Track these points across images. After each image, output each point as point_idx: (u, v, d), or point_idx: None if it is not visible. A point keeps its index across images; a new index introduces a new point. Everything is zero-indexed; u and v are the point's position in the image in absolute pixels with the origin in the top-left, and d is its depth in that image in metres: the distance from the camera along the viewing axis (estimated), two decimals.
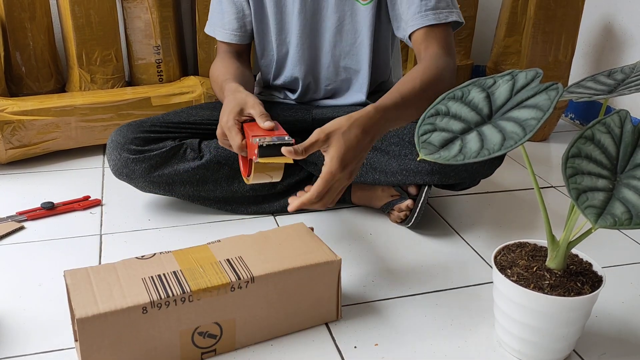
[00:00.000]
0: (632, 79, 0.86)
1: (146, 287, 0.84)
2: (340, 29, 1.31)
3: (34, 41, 1.79)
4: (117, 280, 0.86)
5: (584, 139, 0.71)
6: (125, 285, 0.85)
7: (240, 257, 0.93)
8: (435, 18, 1.20)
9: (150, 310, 0.82)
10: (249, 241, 0.99)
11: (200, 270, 0.89)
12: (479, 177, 1.26)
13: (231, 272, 0.89)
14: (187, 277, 0.87)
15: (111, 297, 0.82)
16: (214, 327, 0.88)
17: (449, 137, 0.78)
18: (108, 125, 1.70)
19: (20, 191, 1.47)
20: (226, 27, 1.35)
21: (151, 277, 0.87)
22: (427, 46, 1.20)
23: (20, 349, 0.92)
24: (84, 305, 0.80)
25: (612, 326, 1.01)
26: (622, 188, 0.68)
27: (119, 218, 1.34)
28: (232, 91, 1.16)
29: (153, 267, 0.90)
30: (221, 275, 0.88)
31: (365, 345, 0.94)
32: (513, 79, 0.79)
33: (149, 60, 1.91)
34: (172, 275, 0.88)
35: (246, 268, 0.90)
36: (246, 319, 0.91)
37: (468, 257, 1.22)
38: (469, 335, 0.98)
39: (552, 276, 0.86)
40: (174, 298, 0.83)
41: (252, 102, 1.10)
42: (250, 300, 0.90)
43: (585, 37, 2.04)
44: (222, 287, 0.86)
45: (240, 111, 1.09)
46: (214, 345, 0.90)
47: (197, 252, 0.94)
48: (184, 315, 0.85)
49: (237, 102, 1.11)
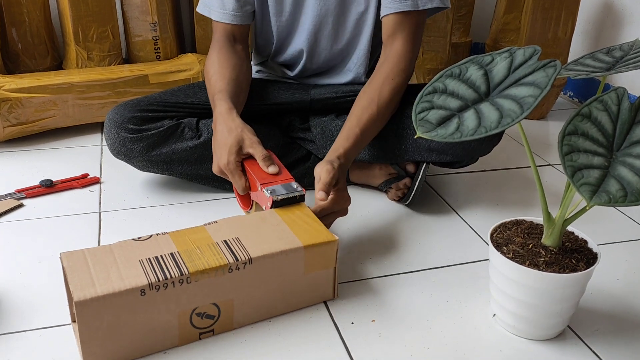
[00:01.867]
0: (631, 57, 0.85)
1: (144, 269, 0.84)
2: (343, 10, 1.28)
3: (29, 17, 1.78)
4: (114, 262, 0.85)
5: (581, 117, 0.71)
6: (123, 267, 0.84)
7: (237, 238, 0.93)
8: (413, 4, 1.18)
9: (148, 292, 0.82)
10: (246, 222, 0.98)
11: (198, 251, 0.89)
12: (476, 154, 1.26)
13: (229, 254, 0.89)
14: (185, 259, 0.87)
15: (109, 279, 0.81)
16: (212, 308, 0.89)
17: (447, 115, 0.78)
18: (105, 102, 1.69)
19: (19, 169, 1.47)
20: (226, 7, 1.28)
21: (148, 259, 0.86)
22: (393, 37, 1.21)
23: (21, 324, 0.93)
24: (81, 287, 0.80)
25: (606, 303, 1.03)
26: (618, 165, 0.69)
27: (117, 196, 1.34)
28: (225, 119, 1.14)
29: (150, 249, 0.89)
30: (219, 257, 0.88)
31: (363, 322, 0.96)
32: (511, 56, 0.79)
33: (146, 37, 1.90)
34: (170, 256, 0.87)
35: (244, 249, 0.90)
36: (244, 299, 0.91)
37: (465, 234, 1.23)
38: (465, 312, 0.99)
39: (547, 253, 0.87)
40: (172, 280, 0.83)
41: (250, 140, 1.10)
42: (248, 281, 0.90)
43: (585, 14, 2.03)
44: (220, 268, 0.86)
45: (239, 150, 1.10)
46: (212, 325, 0.90)
47: (194, 234, 0.94)
48: (182, 296, 0.85)
49: (235, 140, 1.10)
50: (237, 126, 1.12)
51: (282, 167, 1.10)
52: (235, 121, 1.13)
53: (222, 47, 1.29)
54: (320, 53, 1.35)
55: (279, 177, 1.06)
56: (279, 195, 1.02)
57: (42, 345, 0.88)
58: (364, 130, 1.15)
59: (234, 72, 1.25)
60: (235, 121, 1.13)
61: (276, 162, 1.10)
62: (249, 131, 1.12)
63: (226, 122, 1.13)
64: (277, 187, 1.04)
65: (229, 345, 0.89)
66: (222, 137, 1.12)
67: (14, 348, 0.88)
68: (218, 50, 1.29)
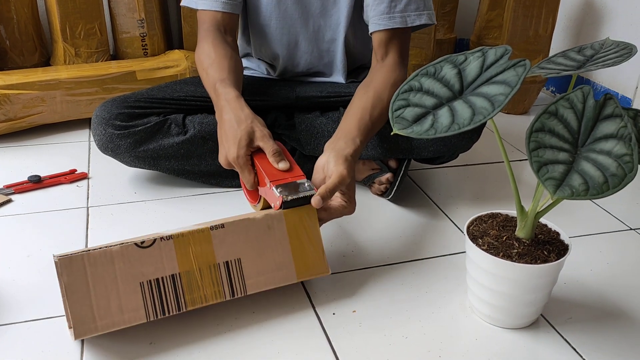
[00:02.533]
0: (600, 55, 0.89)
1: (144, 300, 0.86)
2: (324, 14, 1.31)
3: (17, 14, 1.79)
4: (114, 282, 0.84)
5: (548, 114, 0.74)
6: (123, 292, 0.84)
7: (239, 260, 0.94)
8: (402, 22, 1.21)
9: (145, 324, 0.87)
10: (252, 232, 0.95)
11: (198, 277, 0.90)
12: (457, 151, 1.30)
13: (227, 286, 0.92)
14: (185, 287, 0.89)
15: (109, 311, 0.83)
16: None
17: (422, 112, 0.81)
18: (93, 99, 1.71)
19: (7, 165, 1.49)
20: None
21: (149, 282, 0.87)
22: (386, 52, 1.22)
23: (11, 317, 0.95)
24: (82, 321, 0.82)
25: (579, 293, 1.06)
26: (582, 161, 0.72)
27: (105, 191, 1.36)
28: (233, 107, 1.08)
29: (152, 264, 0.87)
30: (217, 289, 0.92)
31: (344, 312, 0.99)
32: (483, 55, 0.82)
33: (134, 34, 1.92)
34: (170, 282, 0.88)
35: (242, 280, 0.94)
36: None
37: (445, 227, 1.26)
38: (443, 302, 1.02)
39: (520, 245, 0.91)
40: (169, 315, 0.88)
41: (261, 132, 1.05)
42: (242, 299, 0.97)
43: (566, 11, 2.07)
44: (215, 302, 0.92)
45: (249, 143, 1.04)
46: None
47: (198, 244, 0.91)
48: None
49: (245, 133, 1.04)
50: (247, 116, 1.06)
51: (293, 163, 1.04)
52: (244, 111, 1.07)
53: (215, 38, 1.23)
54: (300, 58, 1.38)
55: (289, 174, 1.01)
56: (289, 195, 0.97)
57: (30, 336, 0.91)
58: (375, 123, 1.12)
59: (232, 62, 1.20)
60: (244, 111, 1.07)
61: (287, 158, 1.05)
62: (259, 123, 1.07)
63: (235, 110, 1.07)
64: (287, 185, 0.99)
65: (212, 336, 0.92)
66: (231, 129, 1.06)
67: (3, 340, 0.90)
68: (212, 40, 1.22)
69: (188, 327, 0.93)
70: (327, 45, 1.35)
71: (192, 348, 0.90)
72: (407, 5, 1.21)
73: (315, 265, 0.99)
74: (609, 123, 0.75)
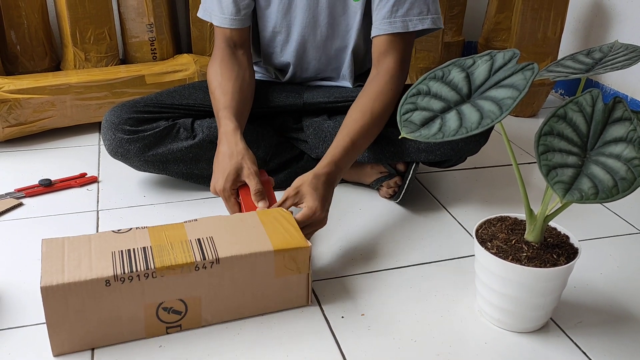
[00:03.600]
0: (609, 58, 0.89)
1: (113, 261, 0.87)
2: (332, 23, 1.31)
3: (28, 20, 1.80)
4: (88, 252, 0.89)
5: (557, 118, 0.74)
6: (95, 258, 0.88)
7: (211, 238, 0.94)
8: (403, 26, 1.20)
9: (113, 283, 0.85)
10: (225, 222, 0.99)
11: (169, 247, 0.91)
12: (464, 154, 1.29)
13: (198, 252, 0.91)
14: (155, 254, 0.89)
15: (78, 268, 0.85)
16: (179, 304, 0.91)
17: (430, 116, 0.81)
18: (103, 103, 1.72)
19: (18, 169, 1.50)
20: (224, 11, 1.28)
21: (120, 252, 0.89)
22: (384, 56, 1.22)
23: (22, 320, 0.96)
24: (50, 273, 0.84)
25: (589, 296, 1.06)
26: (591, 164, 0.72)
27: (115, 195, 1.37)
28: (229, 141, 1.15)
29: (125, 242, 0.92)
30: (187, 254, 0.90)
31: (352, 316, 0.99)
32: (492, 59, 0.82)
33: (143, 39, 1.93)
34: (141, 250, 0.90)
35: (214, 249, 0.92)
36: (212, 297, 0.93)
37: (454, 231, 1.26)
38: (452, 306, 1.02)
39: (529, 248, 0.90)
40: (137, 273, 0.86)
41: (248, 170, 1.12)
42: (215, 280, 0.92)
43: (575, 13, 2.06)
44: (186, 265, 0.88)
45: (236, 178, 1.12)
46: (179, 320, 0.93)
47: (172, 230, 0.96)
48: (147, 290, 0.88)
49: (234, 168, 1.12)
50: (239, 152, 1.13)
51: (273, 200, 1.12)
52: (238, 145, 1.14)
53: (225, 56, 1.29)
54: (309, 64, 1.38)
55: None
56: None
57: (41, 338, 0.91)
58: (355, 140, 1.16)
59: (237, 84, 1.25)
60: (238, 145, 1.14)
61: (268, 195, 1.12)
62: (249, 159, 1.13)
63: (229, 144, 1.15)
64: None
65: (220, 338, 0.93)
66: (223, 161, 1.14)
67: (13, 342, 0.91)
68: (220, 60, 1.29)
69: (196, 330, 0.94)
70: (336, 53, 1.36)
71: (201, 351, 0.90)
72: (410, 9, 1.20)
73: (292, 240, 0.96)
74: (618, 126, 0.75)
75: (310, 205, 1.06)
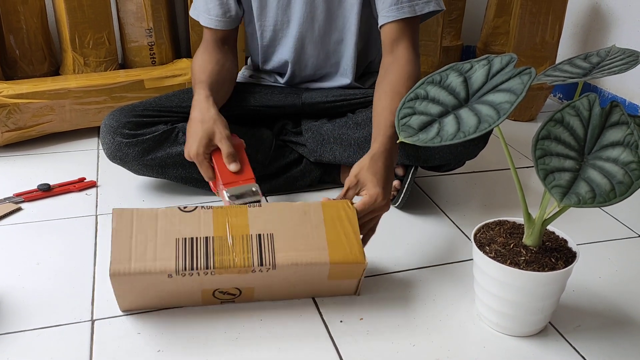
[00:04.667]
0: (606, 63, 0.89)
1: (176, 252, 0.91)
2: (329, 17, 1.32)
3: (27, 24, 1.81)
4: (154, 236, 0.93)
5: (554, 122, 0.74)
6: (160, 244, 0.92)
7: (271, 235, 0.95)
8: (411, 11, 1.20)
9: (175, 276, 0.90)
10: (288, 213, 0.99)
11: (230, 243, 0.93)
12: (463, 158, 1.30)
13: (256, 254, 0.93)
14: (215, 249, 0.92)
15: (144, 256, 0.90)
16: (233, 290, 0.97)
17: (428, 120, 0.81)
18: (102, 107, 1.72)
19: (17, 173, 1.50)
20: (210, 12, 1.32)
21: (184, 240, 0.93)
22: (397, 44, 1.22)
23: (20, 325, 0.96)
24: (118, 261, 0.89)
25: (588, 300, 1.06)
26: (588, 168, 0.72)
27: (113, 199, 1.37)
28: (201, 107, 1.18)
29: (190, 225, 0.95)
30: (246, 256, 0.92)
31: (351, 320, 0.99)
32: (489, 63, 0.82)
33: (142, 43, 1.93)
34: (203, 242, 0.93)
35: (272, 251, 0.93)
36: (265, 289, 0.98)
37: (453, 235, 1.26)
38: (450, 310, 1.02)
39: (527, 252, 0.90)
40: (197, 271, 0.90)
41: (220, 134, 1.14)
42: (270, 280, 0.95)
43: (573, 18, 2.07)
44: (243, 268, 0.92)
45: (208, 142, 1.14)
46: (233, 298, 1.00)
47: (235, 216, 0.97)
48: (206, 281, 0.93)
49: (205, 132, 1.14)
50: (211, 117, 1.16)
51: (245, 165, 1.14)
52: (209, 111, 1.17)
53: (208, 47, 1.35)
54: (307, 61, 1.38)
55: (240, 177, 1.12)
56: (236, 202, 1.10)
57: (40, 344, 0.91)
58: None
59: (217, 67, 1.30)
60: (209, 111, 1.17)
61: (241, 159, 1.14)
62: (220, 124, 1.15)
63: (201, 110, 1.18)
64: (236, 189, 1.11)
65: (220, 343, 0.93)
66: (196, 126, 1.16)
67: (12, 347, 0.91)
68: (204, 49, 1.35)
69: (196, 335, 0.94)
70: (334, 47, 1.36)
71: (199, 355, 0.90)
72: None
73: (351, 254, 0.96)
74: (615, 130, 0.75)
75: (372, 193, 1.03)
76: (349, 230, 0.98)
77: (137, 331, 0.94)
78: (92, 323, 0.96)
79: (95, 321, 0.97)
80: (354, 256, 0.95)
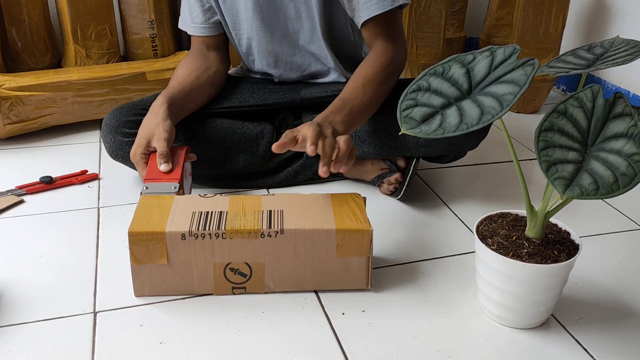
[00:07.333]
0: (610, 54, 0.88)
1: (191, 220, 0.98)
2: (298, 16, 1.30)
3: (29, 17, 1.80)
4: (175, 210, 1.00)
5: (557, 113, 0.74)
6: (178, 215, 0.99)
7: (282, 211, 1.02)
8: (379, 7, 1.20)
9: (187, 238, 0.95)
10: (298, 199, 1.06)
11: (242, 214, 1.00)
12: (464, 149, 1.29)
13: (266, 221, 0.98)
14: (229, 219, 0.99)
15: (161, 222, 0.97)
16: (244, 267, 1.00)
17: (430, 112, 0.81)
18: (104, 100, 1.72)
19: (19, 166, 1.50)
20: (195, 20, 1.36)
21: (200, 213, 1.00)
22: (374, 39, 1.23)
23: (23, 317, 0.96)
24: (138, 224, 0.96)
25: (590, 292, 1.06)
26: (591, 160, 0.72)
27: (116, 191, 1.37)
28: (152, 111, 1.21)
29: (207, 205, 1.02)
30: (256, 222, 0.98)
31: (353, 312, 0.99)
32: (492, 54, 0.82)
33: (144, 35, 1.93)
34: (218, 214, 1.00)
35: (281, 220, 0.99)
36: (275, 266, 1.00)
37: (455, 227, 1.26)
38: (452, 302, 1.02)
39: (530, 245, 0.90)
40: (209, 232, 0.96)
41: (158, 136, 1.16)
42: (279, 249, 0.98)
43: (576, 9, 2.05)
44: (253, 231, 0.97)
45: (147, 144, 1.17)
46: (244, 282, 1.01)
47: (250, 200, 1.05)
48: (217, 249, 0.97)
49: (146, 134, 1.17)
50: (156, 122, 1.18)
51: (177, 167, 1.17)
52: (157, 116, 1.19)
53: (192, 53, 1.38)
54: (287, 67, 1.39)
55: (165, 175, 1.15)
56: (149, 193, 1.11)
57: (42, 336, 0.92)
58: (345, 100, 1.16)
59: (194, 72, 1.32)
60: (157, 116, 1.19)
61: (176, 161, 1.18)
62: (162, 127, 1.17)
63: (151, 114, 1.21)
64: (156, 185, 1.13)
65: (222, 335, 0.93)
66: (142, 129, 1.20)
67: (15, 339, 0.91)
68: (188, 55, 1.39)
69: (198, 327, 0.94)
70: (309, 47, 1.35)
71: (201, 347, 0.90)
72: None
73: (356, 222, 1.00)
74: (618, 122, 0.75)
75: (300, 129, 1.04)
76: (356, 210, 1.04)
77: (139, 323, 0.95)
78: (94, 315, 0.97)
79: (97, 313, 0.97)
80: (359, 224, 1.00)
